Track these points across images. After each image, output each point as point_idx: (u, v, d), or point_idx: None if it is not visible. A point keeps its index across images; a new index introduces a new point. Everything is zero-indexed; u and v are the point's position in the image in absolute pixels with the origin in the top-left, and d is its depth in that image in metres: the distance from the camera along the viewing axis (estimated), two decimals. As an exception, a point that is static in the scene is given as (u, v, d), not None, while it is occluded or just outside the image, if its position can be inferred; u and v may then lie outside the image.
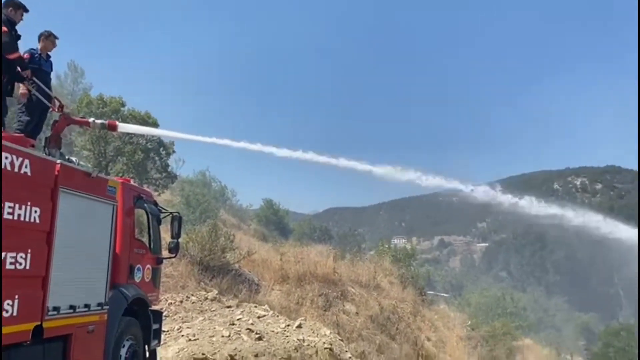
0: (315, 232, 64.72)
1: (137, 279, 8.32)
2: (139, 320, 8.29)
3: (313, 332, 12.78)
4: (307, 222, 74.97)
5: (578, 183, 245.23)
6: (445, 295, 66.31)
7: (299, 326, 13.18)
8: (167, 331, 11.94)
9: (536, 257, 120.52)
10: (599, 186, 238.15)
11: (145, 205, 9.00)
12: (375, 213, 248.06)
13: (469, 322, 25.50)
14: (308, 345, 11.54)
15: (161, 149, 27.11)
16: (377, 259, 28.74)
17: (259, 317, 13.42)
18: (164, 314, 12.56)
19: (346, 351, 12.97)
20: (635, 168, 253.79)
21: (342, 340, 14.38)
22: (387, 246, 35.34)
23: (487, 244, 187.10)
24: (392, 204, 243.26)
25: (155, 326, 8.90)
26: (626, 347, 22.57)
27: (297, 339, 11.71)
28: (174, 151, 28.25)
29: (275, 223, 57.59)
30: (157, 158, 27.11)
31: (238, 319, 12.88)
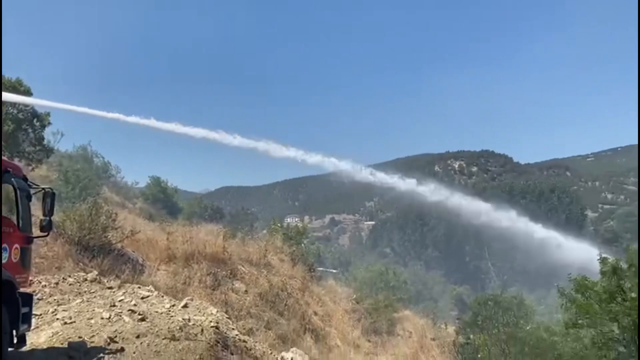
0: (206, 211, 63.61)
1: (3, 260, 7.71)
2: (6, 303, 7.69)
3: (199, 311, 12.64)
4: (198, 201, 73.45)
5: (456, 166, 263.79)
6: (333, 271, 68.59)
7: (185, 306, 12.96)
8: (40, 315, 11.18)
9: (417, 235, 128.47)
10: (474, 169, 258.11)
11: (13, 179, 8.31)
12: (269, 192, 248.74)
13: (354, 296, 26.66)
14: (193, 324, 11.40)
15: (35, 120, 24.96)
16: (269, 237, 28.93)
17: (142, 298, 12.98)
18: (36, 296, 11.74)
19: (233, 328, 12.99)
20: (506, 152, 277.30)
21: (229, 318, 14.38)
22: (279, 225, 35.66)
23: (373, 222, 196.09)
24: (286, 184, 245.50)
25: (24, 310, 8.32)
26: (492, 315, 24.91)
27: (182, 319, 11.52)
28: (49, 123, 26.16)
29: (163, 202, 55.78)
30: (30, 130, 24.92)
31: (120, 301, 12.37)
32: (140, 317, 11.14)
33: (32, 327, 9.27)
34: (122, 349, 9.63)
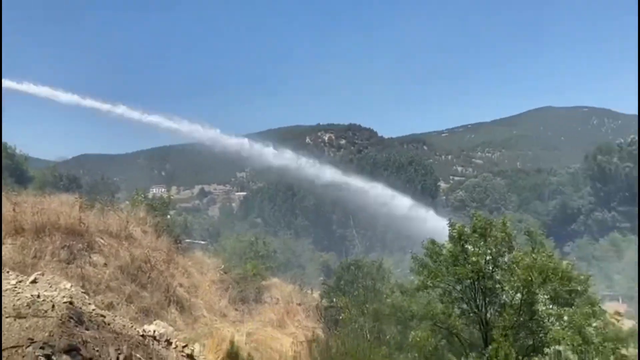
0: (61, 180, 58.77)
1: None
2: None
3: (51, 287, 11.65)
4: (52, 169, 67.48)
5: (326, 138, 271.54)
6: (202, 242, 67.51)
7: (34, 281, 11.85)
8: None
9: (287, 205, 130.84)
10: (343, 141, 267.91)
11: None
12: (133, 161, 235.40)
13: (222, 267, 26.51)
14: (43, 300, 10.48)
15: None
16: (132, 208, 27.48)
17: (-19, 275, 11.64)
18: None
19: (90, 303, 12.20)
20: (371, 127, 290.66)
21: (86, 292, 13.47)
22: (143, 195, 33.99)
23: (245, 193, 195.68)
24: (152, 152, 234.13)
25: None
26: (354, 279, 26.37)
27: (31, 295, 10.53)
28: None
29: (11, 170, 50.38)
30: None
31: (-47, 279, 10.97)
32: (-22, 296, 9.98)
33: None
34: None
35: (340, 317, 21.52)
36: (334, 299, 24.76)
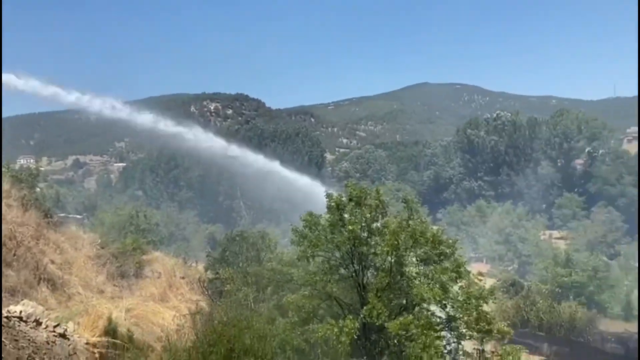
0: None
1: None
2: None
3: None
4: None
5: (212, 107, 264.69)
6: (77, 216, 63.40)
7: None
8: None
9: (171, 176, 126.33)
10: (229, 111, 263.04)
11: None
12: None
13: (99, 241, 25.19)
14: None
15: None
16: (-8, 180, 24.95)
17: None
18: None
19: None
20: (259, 97, 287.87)
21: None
22: (7, 167, 30.99)
23: (124, 164, 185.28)
24: (18, 120, 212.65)
25: None
26: (238, 250, 26.46)
27: None
28: None
29: None
30: None
31: None
32: None
33: None
34: None
35: (226, 289, 21.59)
36: (219, 271, 24.71)
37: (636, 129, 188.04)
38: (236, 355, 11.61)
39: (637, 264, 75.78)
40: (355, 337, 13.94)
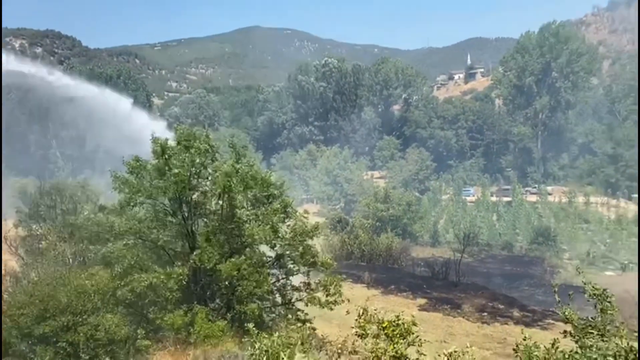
0: None
1: None
2: None
3: None
4: None
5: (17, 45, 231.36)
6: None
7: None
8: None
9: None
10: (38, 50, 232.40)
11: None
12: None
13: None
14: None
15: None
16: None
17: None
18: None
19: None
20: (74, 35, 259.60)
21: None
22: None
23: None
24: None
25: None
26: (54, 204, 24.15)
27: None
28: None
29: None
30: None
31: None
32: None
33: None
34: None
35: (41, 245, 19.71)
36: (33, 227, 22.39)
37: (445, 77, 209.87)
38: (51, 315, 10.75)
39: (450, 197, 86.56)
40: (185, 283, 13.81)
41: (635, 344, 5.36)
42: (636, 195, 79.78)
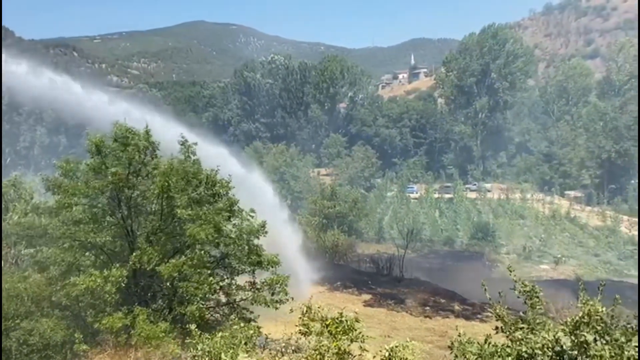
0: None
1: None
2: None
3: None
4: None
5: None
6: None
7: None
8: None
9: None
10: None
11: None
12: None
13: None
14: None
15: None
16: None
17: None
18: None
19: None
20: (4, 24, 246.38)
21: None
22: None
23: None
24: None
25: None
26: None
27: None
28: None
29: None
30: None
31: None
32: None
33: None
34: None
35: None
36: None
37: (390, 76, 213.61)
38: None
39: (388, 194, 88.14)
40: (124, 284, 13.37)
41: (561, 335, 5.68)
42: (569, 192, 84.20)
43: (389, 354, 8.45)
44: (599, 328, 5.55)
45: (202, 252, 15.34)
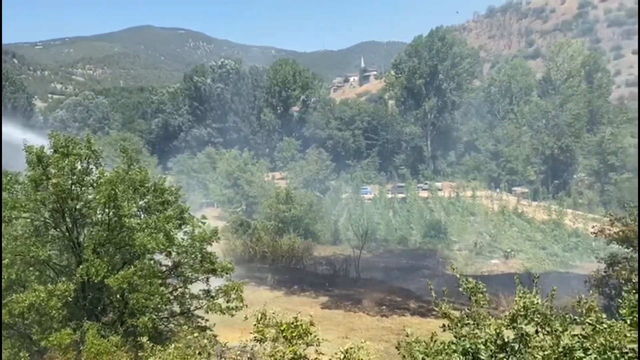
0: None
1: None
2: None
3: None
4: None
5: None
6: None
7: None
8: None
9: None
10: None
11: None
12: None
13: None
14: None
15: None
16: None
17: None
18: None
19: None
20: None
21: None
22: None
23: None
24: None
25: None
26: None
27: None
28: None
29: None
30: None
31: None
32: None
33: None
34: None
35: None
36: None
37: (341, 79, 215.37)
38: None
39: (342, 195, 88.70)
40: (72, 298, 12.87)
41: (503, 329, 5.86)
42: (516, 188, 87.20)
43: (344, 356, 8.48)
44: (538, 319, 5.75)
45: (152, 261, 14.98)
